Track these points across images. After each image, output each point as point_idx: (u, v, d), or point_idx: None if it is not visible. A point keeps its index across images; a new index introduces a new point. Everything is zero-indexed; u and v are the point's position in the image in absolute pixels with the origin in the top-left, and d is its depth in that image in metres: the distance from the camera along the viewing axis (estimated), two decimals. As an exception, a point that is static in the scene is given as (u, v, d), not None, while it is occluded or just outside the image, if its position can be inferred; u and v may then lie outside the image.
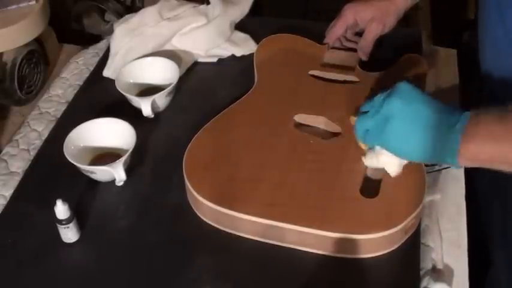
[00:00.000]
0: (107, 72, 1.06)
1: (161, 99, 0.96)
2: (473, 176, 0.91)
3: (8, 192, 0.87)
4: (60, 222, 0.77)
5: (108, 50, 1.09)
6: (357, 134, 0.77)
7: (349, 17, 1.01)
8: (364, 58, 1.01)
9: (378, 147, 0.76)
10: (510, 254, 0.93)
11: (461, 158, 0.66)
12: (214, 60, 1.09)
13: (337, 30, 1.02)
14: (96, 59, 1.12)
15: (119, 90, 0.95)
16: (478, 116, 0.67)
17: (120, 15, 1.21)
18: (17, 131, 0.99)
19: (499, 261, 0.96)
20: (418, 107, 0.70)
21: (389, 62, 1.00)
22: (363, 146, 0.80)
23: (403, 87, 0.72)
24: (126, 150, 0.84)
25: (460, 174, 0.89)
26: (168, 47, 1.09)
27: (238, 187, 0.80)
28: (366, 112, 0.76)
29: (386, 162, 0.77)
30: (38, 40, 1.10)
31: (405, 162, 0.76)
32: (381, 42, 1.02)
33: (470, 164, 0.68)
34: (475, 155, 0.66)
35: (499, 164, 0.66)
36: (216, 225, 0.79)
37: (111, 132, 0.89)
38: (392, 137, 0.71)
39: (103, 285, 0.75)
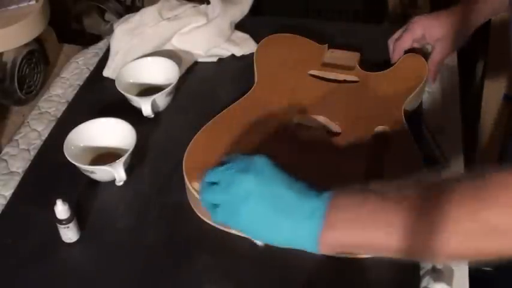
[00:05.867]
0: (107, 72, 1.06)
1: (161, 99, 0.96)
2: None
3: (8, 192, 0.87)
4: (60, 222, 0.77)
5: (108, 50, 1.09)
6: (203, 205, 0.69)
7: (417, 31, 0.96)
8: (431, 82, 0.98)
9: None
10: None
11: (322, 245, 0.61)
12: (214, 60, 1.09)
13: (404, 44, 0.98)
14: (96, 59, 1.12)
15: (119, 90, 0.95)
16: (338, 200, 0.62)
17: (120, 15, 1.21)
18: (17, 131, 0.99)
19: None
20: (276, 189, 0.63)
21: (389, 62, 1.00)
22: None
23: (260, 162, 0.65)
24: (126, 150, 0.84)
25: (460, 174, 0.89)
26: (168, 47, 1.09)
27: (238, 187, 0.79)
28: (213, 183, 0.67)
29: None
30: (38, 40, 1.10)
31: None
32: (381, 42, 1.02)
33: (331, 252, 0.65)
34: (335, 243, 0.61)
35: (360, 250, 0.66)
36: (216, 225, 0.79)
37: (111, 132, 0.89)
38: (247, 219, 0.64)
39: (103, 285, 0.75)
